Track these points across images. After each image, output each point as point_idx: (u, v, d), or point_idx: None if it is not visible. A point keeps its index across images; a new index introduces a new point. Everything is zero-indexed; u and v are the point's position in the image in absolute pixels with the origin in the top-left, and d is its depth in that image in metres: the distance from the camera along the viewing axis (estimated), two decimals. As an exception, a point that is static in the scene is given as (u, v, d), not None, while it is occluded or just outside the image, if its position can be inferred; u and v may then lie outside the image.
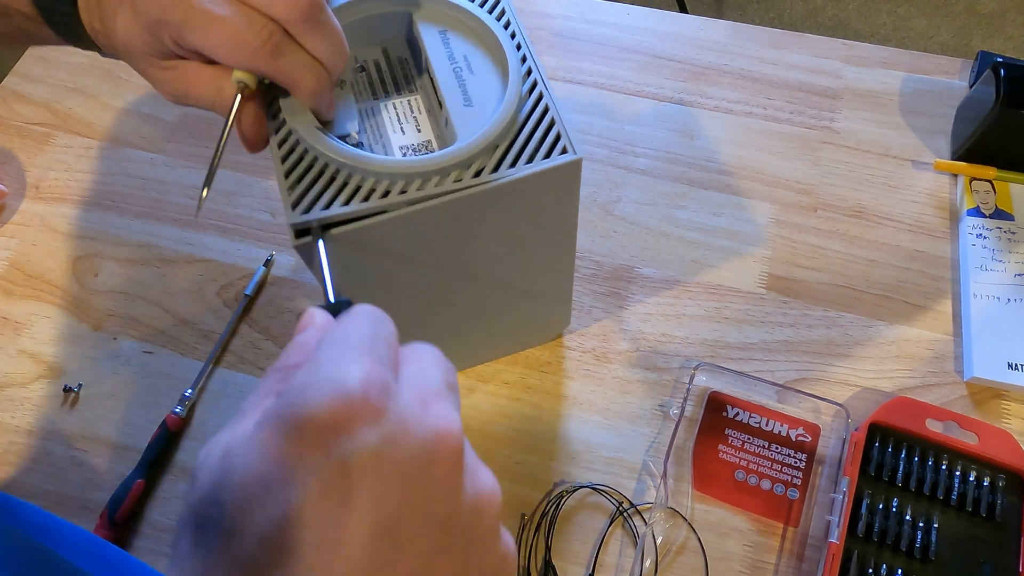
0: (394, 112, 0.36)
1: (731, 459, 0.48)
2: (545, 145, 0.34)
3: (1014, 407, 0.49)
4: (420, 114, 0.36)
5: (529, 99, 0.35)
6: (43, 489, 0.49)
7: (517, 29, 0.37)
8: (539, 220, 0.38)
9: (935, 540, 0.44)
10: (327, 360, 0.20)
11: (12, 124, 0.65)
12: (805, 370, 0.51)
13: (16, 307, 0.56)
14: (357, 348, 0.21)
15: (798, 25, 1.67)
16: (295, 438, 0.19)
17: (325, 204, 0.32)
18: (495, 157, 0.33)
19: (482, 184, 0.32)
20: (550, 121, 0.34)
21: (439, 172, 0.32)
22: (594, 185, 0.59)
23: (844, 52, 0.66)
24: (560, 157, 0.33)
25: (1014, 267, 0.53)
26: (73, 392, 0.52)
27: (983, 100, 0.55)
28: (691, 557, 0.45)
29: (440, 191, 0.32)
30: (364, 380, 0.19)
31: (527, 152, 0.33)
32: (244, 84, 0.31)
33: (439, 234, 0.35)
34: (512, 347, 0.52)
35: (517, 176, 0.33)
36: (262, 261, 0.57)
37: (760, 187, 0.59)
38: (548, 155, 0.33)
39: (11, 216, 0.60)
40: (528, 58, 0.36)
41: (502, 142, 0.33)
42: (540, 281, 0.45)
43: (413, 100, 0.37)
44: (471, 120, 0.34)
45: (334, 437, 0.19)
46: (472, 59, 0.36)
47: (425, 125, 0.36)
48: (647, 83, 0.65)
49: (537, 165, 0.33)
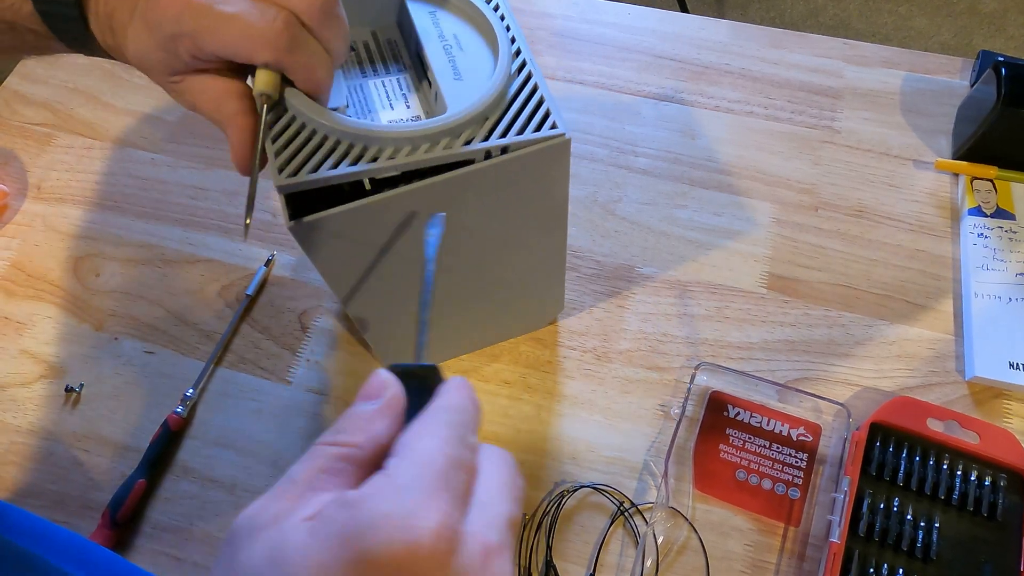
0: (383, 89, 0.36)
1: (732, 459, 0.48)
2: (535, 120, 0.34)
3: (1015, 406, 0.49)
4: (409, 92, 0.36)
5: (519, 77, 0.35)
6: (45, 489, 0.49)
7: (505, 11, 0.37)
8: (529, 199, 0.38)
9: (936, 540, 0.43)
10: (405, 490, 0.20)
11: (14, 124, 0.65)
12: (806, 370, 0.51)
13: (18, 307, 0.56)
14: (436, 481, 0.20)
15: (799, 25, 1.67)
16: (355, 573, 0.18)
17: (313, 168, 0.31)
18: (485, 127, 0.33)
19: (472, 153, 0.32)
20: (540, 98, 0.34)
21: (428, 139, 0.32)
22: (594, 185, 0.59)
23: (845, 52, 0.66)
24: (549, 131, 0.33)
25: (1015, 266, 0.53)
26: (75, 392, 0.52)
27: (984, 99, 0.55)
28: (692, 557, 0.45)
29: (430, 157, 0.32)
30: (437, 531, 0.19)
31: (517, 125, 0.33)
32: (267, 96, 0.31)
33: (431, 211, 0.35)
34: (506, 332, 0.52)
35: (506, 143, 0.33)
36: (263, 261, 0.57)
37: (761, 187, 0.59)
38: (538, 129, 0.33)
39: (13, 216, 0.60)
40: (516, 38, 0.36)
41: (492, 114, 0.33)
42: (532, 264, 0.45)
43: (403, 78, 0.36)
44: (461, 93, 0.34)
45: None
46: (462, 37, 0.36)
47: (414, 102, 0.36)
48: (648, 83, 0.65)
49: (527, 136, 0.33)
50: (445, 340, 0.50)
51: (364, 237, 0.35)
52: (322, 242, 0.34)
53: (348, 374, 0.53)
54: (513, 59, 0.35)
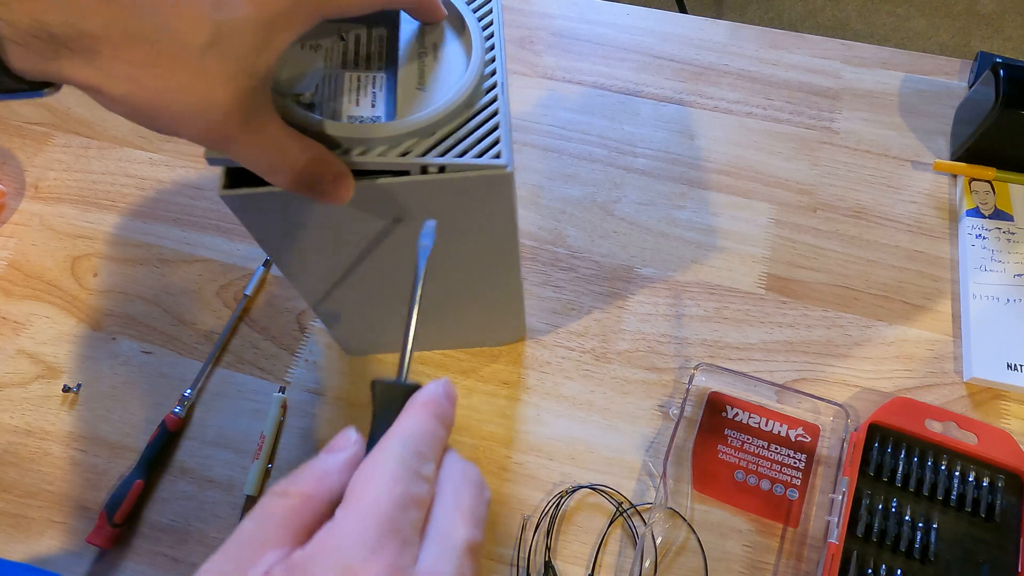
0: (355, 83, 0.35)
1: (731, 459, 0.48)
2: (482, 145, 0.33)
3: (1013, 407, 0.49)
4: (380, 91, 0.35)
5: (485, 96, 0.34)
6: (42, 489, 0.49)
7: (496, 31, 0.36)
8: (471, 227, 0.37)
9: (934, 540, 0.44)
10: (347, 546, 0.20)
11: (11, 124, 0.65)
12: (804, 370, 0.51)
13: (15, 307, 0.56)
14: (380, 528, 0.20)
15: (797, 25, 1.67)
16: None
17: None
18: (428, 142, 0.32)
19: (406, 164, 0.32)
20: (495, 124, 0.33)
21: (363, 143, 0.31)
22: (594, 185, 0.59)
23: (844, 52, 0.66)
24: (492, 159, 0.32)
25: (1013, 267, 0.53)
26: (72, 392, 0.52)
27: (982, 101, 0.55)
28: (691, 557, 0.45)
29: (361, 161, 0.32)
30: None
31: (461, 146, 0.32)
32: None
33: (368, 211, 0.35)
34: (465, 342, 0.52)
35: (443, 163, 0.32)
36: (261, 261, 0.57)
37: (760, 187, 0.59)
38: (482, 155, 0.32)
39: (10, 216, 0.60)
40: (496, 60, 0.35)
41: (439, 129, 0.33)
42: (483, 290, 0.44)
43: (378, 76, 0.35)
44: (418, 103, 0.33)
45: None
46: (442, 48, 0.35)
47: (381, 103, 0.35)
48: (647, 83, 0.65)
49: (466, 160, 0.32)
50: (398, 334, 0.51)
51: (301, 220, 0.35)
52: (256, 217, 0.35)
53: (346, 375, 0.52)
54: (485, 78, 0.34)
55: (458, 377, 0.52)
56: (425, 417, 0.24)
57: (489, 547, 0.46)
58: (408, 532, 0.21)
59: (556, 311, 0.54)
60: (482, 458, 0.49)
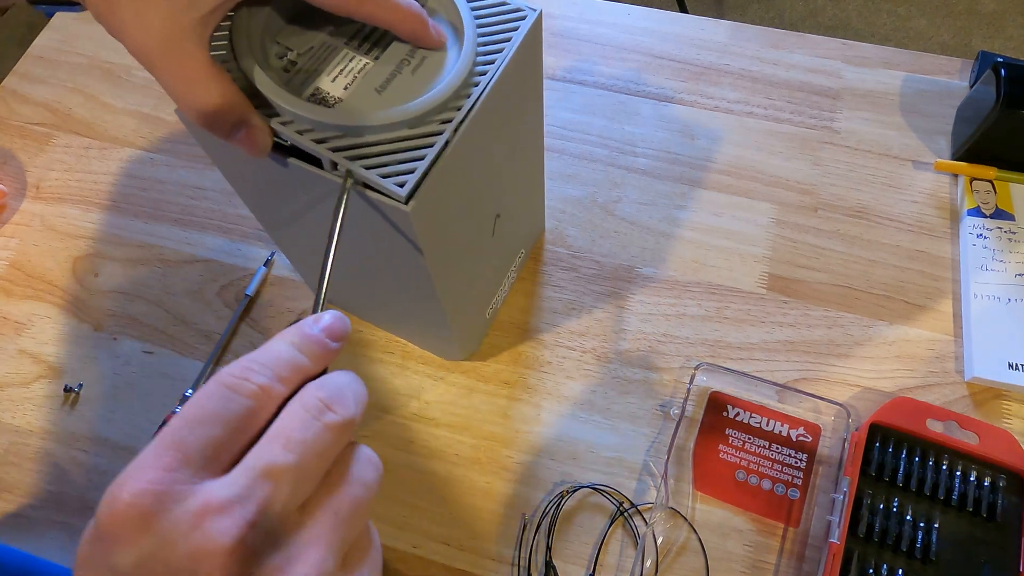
0: (346, 62, 0.34)
1: (732, 459, 0.48)
2: (393, 167, 0.31)
3: (1015, 407, 0.49)
4: (361, 77, 0.33)
5: (438, 116, 0.32)
6: (44, 489, 0.49)
7: (494, 70, 0.34)
8: (382, 248, 0.36)
9: (936, 540, 0.44)
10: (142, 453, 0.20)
11: (12, 124, 0.65)
12: (805, 370, 0.51)
13: (16, 307, 0.56)
14: (158, 445, 0.20)
15: (798, 25, 1.67)
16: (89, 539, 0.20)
17: None
18: (351, 141, 0.31)
19: (315, 152, 0.31)
20: (420, 155, 0.31)
21: (291, 116, 0.31)
22: (594, 185, 0.59)
23: (844, 52, 0.66)
24: (393, 186, 0.30)
25: (1014, 267, 0.53)
26: (73, 392, 0.52)
27: (983, 100, 0.55)
28: (692, 557, 0.45)
29: (279, 130, 0.31)
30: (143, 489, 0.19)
31: (378, 160, 0.31)
32: None
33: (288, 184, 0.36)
34: (415, 341, 0.53)
35: (347, 168, 0.31)
36: (263, 261, 0.57)
37: (760, 187, 0.59)
38: (387, 176, 0.31)
39: (11, 216, 0.60)
40: (474, 98, 0.33)
41: (370, 134, 0.31)
42: (413, 311, 0.44)
43: (368, 64, 0.34)
44: (364, 105, 0.32)
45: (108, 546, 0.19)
46: (426, 62, 0.34)
47: (355, 88, 0.33)
48: (647, 83, 0.65)
49: (369, 176, 0.31)
50: (359, 305, 0.52)
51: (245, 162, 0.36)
52: (212, 146, 0.37)
53: (347, 374, 0.53)
54: (457, 99, 0.33)
55: (459, 377, 0.52)
56: (275, 343, 0.23)
57: (490, 547, 0.46)
58: (195, 448, 0.20)
59: (557, 311, 0.54)
60: (483, 458, 0.49)
